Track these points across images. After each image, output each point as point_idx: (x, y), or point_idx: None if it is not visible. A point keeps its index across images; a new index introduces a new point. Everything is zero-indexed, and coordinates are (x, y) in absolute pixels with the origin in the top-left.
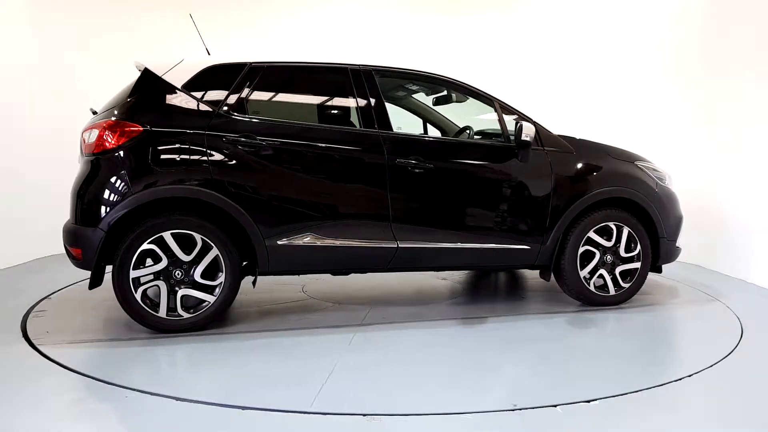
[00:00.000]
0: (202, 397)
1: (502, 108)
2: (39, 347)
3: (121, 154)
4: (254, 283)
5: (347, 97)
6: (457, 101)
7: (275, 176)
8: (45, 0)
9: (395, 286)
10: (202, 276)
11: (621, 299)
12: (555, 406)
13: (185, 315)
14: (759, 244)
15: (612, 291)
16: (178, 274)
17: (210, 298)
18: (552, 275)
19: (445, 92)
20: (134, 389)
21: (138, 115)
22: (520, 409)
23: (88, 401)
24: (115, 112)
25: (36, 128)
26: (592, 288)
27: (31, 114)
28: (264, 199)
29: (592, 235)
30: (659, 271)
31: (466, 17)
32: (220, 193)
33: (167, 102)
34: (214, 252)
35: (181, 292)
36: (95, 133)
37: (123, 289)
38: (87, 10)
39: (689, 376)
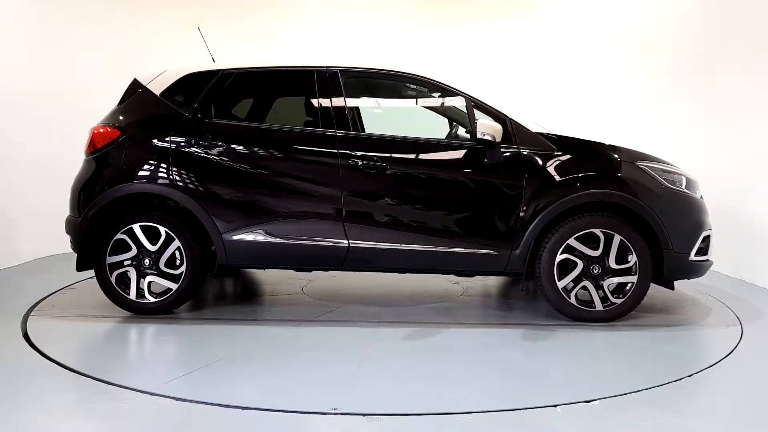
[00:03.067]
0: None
1: (474, 105)
2: (33, 334)
3: (103, 155)
4: (215, 275)
5: (312, 98)
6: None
7: (231, 175)
8: (45, 0)
9: (397, 287)
10: (172, 267)
11: (610, 316)
12: (555, 406)
13: (151, 299)
14: (759, 244)
15: (599, 306)
16: (147, 262)
17: (173, 286)
18: (528, 284)
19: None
20: (134, 389)
21: (120, 121)
22: (520, 410)
23: (88, 401)
24: (116, 118)
25: (36, 128)
26: (573, 301)
27: (31, 114)
28: (220, 196)
29: (573, 242)
30: (670, 287)
31: (467, 20)
32: (179, 190)
33: (146, 108)
34: (176, 244)
35: (147, 279)
36: (88, 136)
37: (100, 273)
38: (87, 11)
39: (689, 376)
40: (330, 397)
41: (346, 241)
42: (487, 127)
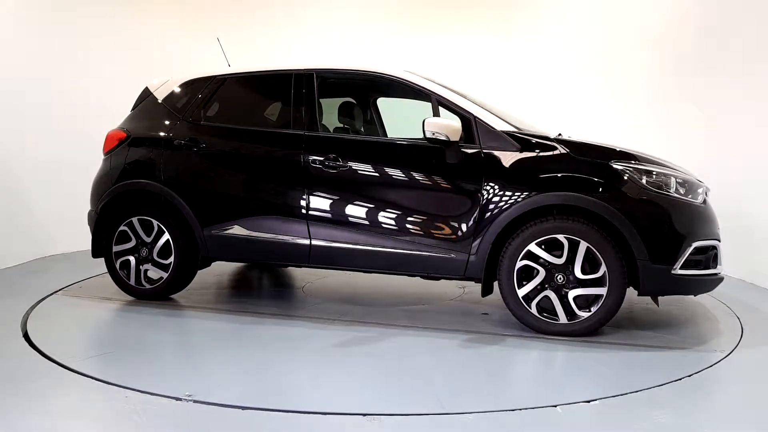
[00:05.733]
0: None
1: (440, 103)
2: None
3: (113, 155)
4: (199, 267)
5: (289, 100)
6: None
7: (209, 173)
8: (45, 0)
9: (400, 287)
10: (164, 257)
11: (573, 331)
12: (555, 406)
13: (147, 286)
14: (758, 244)
15: (563, 318)
16: (144, 252)
17: (164, 275)
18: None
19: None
20: (134, 389)
21: (128, 125)
22: (520, 410)
23: (88, 401)
24: (127, 122)
25: (36, 128)
26: (534, 311)
27: (31, 114)
28: (199, 193)
29: (533, 248)
30: (655, 302)
31: (468, 24)
32: (168, 187)
33: (150, 113)
34: (167, 236)
35: (144, 267)
36: (105, 138)
37: (107, 261)
38: (88, 11)
39: (689, 376)
40: (186, 385)
41: (308, 239)
42: (441, 126)
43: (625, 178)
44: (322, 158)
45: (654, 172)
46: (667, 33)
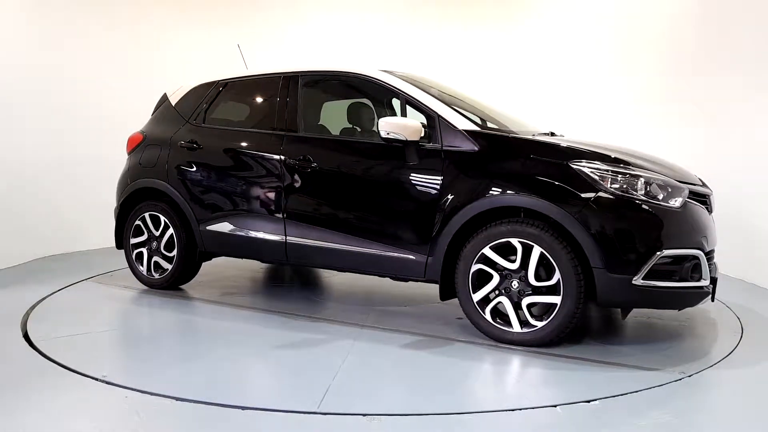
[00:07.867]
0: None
1: (408, 102)
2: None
3: (132, 156)
4: (197, 260)
5: (277, 101)
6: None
7: (204, 173)
8: (45, 0)
9: (393, 288)
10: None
11: (529, 340)
12: (555, 406)
13: (156, 276)
14: (758, 244)
15: (516, 327)
16: (154, 245)
17: (169, 267)
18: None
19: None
20: (134, 389)
21: (147, 128)
22: (520, 410)
23: (88, 401)
24: (146, 125)
25: (36, 128)
26: (487, 317)
27: (32, 114)
28: (196, 190)
29: (487, 252)
30: (623, 315)
31: (468, 21)
32: (171, 185)
33: (164, 117)
34: (171, 231)
35: (153, 259)
36: (127, 140)
37: (126, 252)
38: (88, 11)
39: (689, 376)
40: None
41: (284, 237)
42: (396, 126)
43: (584, 179)
44: (295, 158)
45: (618, 173)
46: (669, 30)
